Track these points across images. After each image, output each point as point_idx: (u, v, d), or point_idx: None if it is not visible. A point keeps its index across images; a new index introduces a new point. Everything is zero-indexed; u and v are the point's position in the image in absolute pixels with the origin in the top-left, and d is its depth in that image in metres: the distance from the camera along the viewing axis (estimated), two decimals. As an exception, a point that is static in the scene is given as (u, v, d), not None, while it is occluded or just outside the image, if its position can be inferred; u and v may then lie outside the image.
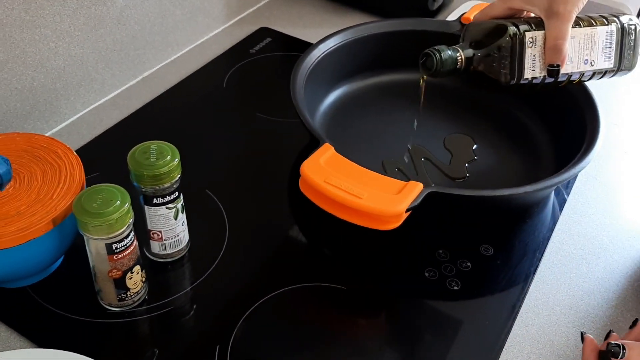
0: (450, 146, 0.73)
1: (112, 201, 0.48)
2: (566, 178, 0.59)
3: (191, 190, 0.65)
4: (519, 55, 0.59)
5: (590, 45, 0.62)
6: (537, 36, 0.60)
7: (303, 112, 0.65)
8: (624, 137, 0.79)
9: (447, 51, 0.60)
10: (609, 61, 0.64)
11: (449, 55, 0.60)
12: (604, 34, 0.63)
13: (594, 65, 0.63)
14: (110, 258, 0.50)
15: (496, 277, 0.60)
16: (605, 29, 0.63)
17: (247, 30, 0.94)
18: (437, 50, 0.60)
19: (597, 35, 0.62)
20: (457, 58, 0.60)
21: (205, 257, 0.60)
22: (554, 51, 0.60)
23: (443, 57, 0.60)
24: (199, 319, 0.55)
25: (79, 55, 0.73)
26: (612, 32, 0.63)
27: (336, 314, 0.57)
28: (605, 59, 0.64)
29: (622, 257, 0.63)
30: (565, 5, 0.59)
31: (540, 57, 0.60)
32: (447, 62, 0.60)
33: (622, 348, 0.45)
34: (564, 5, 0.59)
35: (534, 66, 0.60)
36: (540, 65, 0.60)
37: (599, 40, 0.62)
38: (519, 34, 0.59)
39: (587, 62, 0.62)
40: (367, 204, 0.53)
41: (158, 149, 0.53)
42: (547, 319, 0.57)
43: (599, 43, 0.62)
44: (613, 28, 0.63)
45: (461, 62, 0.61)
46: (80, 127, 0.75)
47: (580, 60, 0.62)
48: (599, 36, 0.62)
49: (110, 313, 0.54)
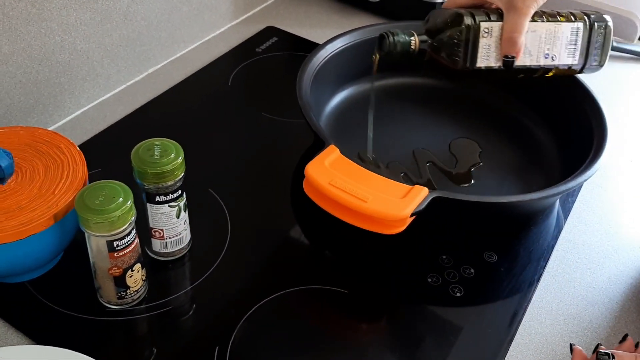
0: (455, 151, 0.72)
1: (115, 198, 0.48)
2: (572, 187, 0.59)
3: (194, 188, 0.64)
4: (472, 44, 0.61)
5: (552, 41, 0.63)
6: (493, 27, 0.61)
7: (309, 113, 0.64)
8: (631, 146, 0.78)
9: (402, 35, 0.63)
10: (572, 57, 0.64)
11: (403, 39, 0.63)
12: (568, 31, 0.63)
13: (555, 60, 0.64)
14: (111, 255, 0.50)
15: (499, 285, 0.59)
16: (571, 26, 0.63)
17: (253, 29, 0.94)
18: (392, 33, 0.63)
19: (560, 31, 0.63)
20: (411, 42, 0.63)
21: (206, 256, 0.59)
22: (509, 43, 0.61)
23: (396, 39, 0.63)
24: (198, 319, 0.55)
25: (84, 49, 0.73)
26: (578, 29, 0.64)
27: (337, 317, 0.56)
28: (568, 55, 0.64)
29: (626, 267, 0.62)
30: (524, 0, 0.60)
31: (496, 47, 0.62)
32: (400, 45, 0.63)
33: (612, 357, 0.45)
34: (523, 1, 0.60)
35: (488, 56, 0.62)
36: (495, 55, 0.62)
37: (562, 36, 0.63)
38: (473, 25, 0.61)
39: (548, 56, 0.63)
40: (371, 208, 0.53)
41: (162, 147, 0.52)
42: (550, 329, 0.56)
43: (562, 39, 0.63)
44: (579, 25, 0.64)
45: (415, 46, 0.63)
46: (84, 122, 0.75)
47: (540, 54, 0.63)
48: (563, 32, 0.63)
49: (109, 311, 0.54)
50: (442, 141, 0.74)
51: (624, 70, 0.92)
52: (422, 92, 0.81)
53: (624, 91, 0.88)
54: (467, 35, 0.61)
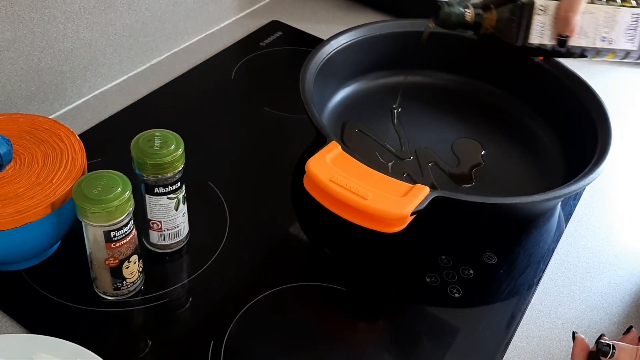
0: (458, 151, 0.72)
1: (113, 188, 0.47)
2: (575, 190, 0.58)
3: (194, 181, 0.64)
4: (527, 21, 0.62)
5: (610, 24, 0.63)
6: (549, 5, 0.62)
7: (311, 108, 0.64)
8: (634, 150, 0.78)
9: (457, 6, 0.65)
10: (631, 43, 0.65)
11: (458, 10, 0.65)
12: (628, 16, 0.64)
13: (613, 44, 0.64)
14: (108, 246, 0.49)
15: (498, 287, 0.59)
16: (632, 11, 0.64)
17: (258, 23, 0.93)
18: (447, 4, 0.65)
19: (620, 15, 0.63)
20: (466, 13, 0.65)
21: (204, 250, 0.59)
22: (563, 22, 0.62)
23: (452, 10, 0.65)
24: (194, 313, 0.54)
25: (87, 38, 0.72)
26: (639, 15, 0.64)
27: (334, 315, 0.56)
28: (627, 40, 0.64)
29: (627, 273, 0.62)
30: None
31: (551, 26, 0.63)
32: (455, 16, 0.65)
33: (612, 348, 0.45)
34: None
35: (542, 33, 0.63)
36: (549, 33, 0.63)
37: (621, 21, 0.63)
38: (529, 1, 0.62)
39: (605, 39, 0.64)
40: (372, 205, 0.52)
41: (163, 138, 0.52)
42: (548, 332, 0.56)
43: (621, 23, 0.64)
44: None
45: (470, 18, 0.65)
46: (85, 112, 0.74)
47: (597, 37, 0.64)
48: (623, 17, 0.63)
49: (104, 302, 0.53)
50: (445, 141, 0.73)
51: (631, 74, 0.92)
52: (427, 92, 0.80)
53: (630, 94, 0.88)
54: (522, 11, 0.62)
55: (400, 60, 0.80)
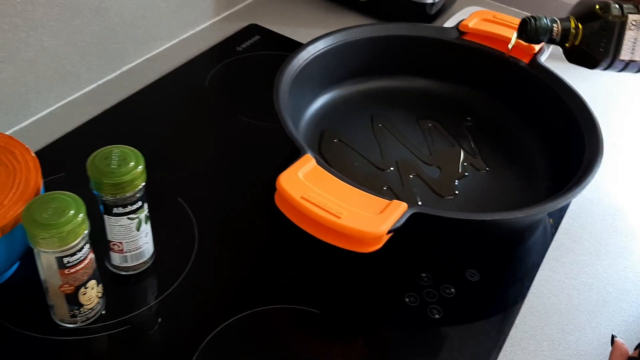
0: (440, 160, 0.69)
1: (65, 211, 0.44)
2: (561, 203, 0.55)
3: (162, 197, 0.61)
4: (618, 36, 0.59)
5: None
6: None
7: (285, 118, 0.61)
8: (623, 159, 0.75)
9: (544, 19, 0.63)
10: None
11: (545, 24, 0.62)
12: None
13: None
14: (62, 272, 0.46)
15: (481, 306, 0.56)
16: None
17: (235, 27, 0.90)
18: (534, 18, 0.63)
19: None
20: (553, 28, 0.62)
21: (170, 271, 0.56)
22: None
23: (539, 24, 0.62)
24: (158, 339, 0.51)
25: (52, 46, 0.69)
26: None
27: (308, 339, 0.53)
28: None
29: (616, 289, 0.59)
30: None
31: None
32: (542, 29, 0.62)
33: None
34: None
35: (634, 49, 0.60)
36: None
37: None
38: (621, 16, 0.59)
39: None
40: (345, 224, 0.49)
41: (121, 155, 0.49)
42: (534, 355, 0.53)
43: None
44: None
45: (557, 33, 0.62)
46: (50, 123, 0.71)
47: None
48: None
49: (62, 329, 0.50)
50: (427, 150, 0.70)
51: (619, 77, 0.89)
52: (409, 98, 0.77)
53: (619, 100, 0.85)
54: (613, 27, 0.59)
55: (381, 66, 0.77)
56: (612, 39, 0.60)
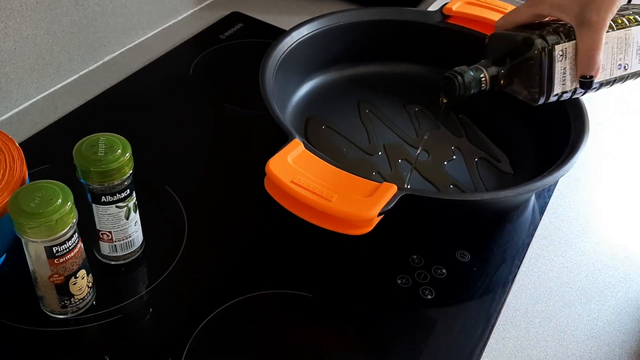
0: (428, 144, 0.69)
1: (52, 200, 0.44)
2: (548, 182, 0.56)
3: (149, 186, 0.60)
4: (549, 71, 0.53)
5: (624, 49, 0.56)
6: (567, 48, 0.53)
7: (272, 104, 0.60)
8: (608, 138, 0.76)
9: (470, 72, 0.55)
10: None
11: (472, 77, 0.55)
12: (638, 35, 0.56)
13: (628, 69, 0.57)
14: (51, 262, 0.45)
15: (472, 286, 0.56)
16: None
17: (218, 15, 0.89)
18: (458, 73, 0.55)
19: (631, 37, 0.56)
20: (482, 79, 0.55)
21: (160, 260, 0.55)
22: (587, 63, 0.54)
23: (466, 79, 0.55)
24: (149, 328, 0.51)
25: (31, 36, 0.68)
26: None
27: (301, 324, 0.52)
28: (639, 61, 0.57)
29: (604, 265, 0.60)
30: (599, 12, 0.52)
31: (572, 69, 0.54)
32: (471, 85, 0.55)
33: None
34: (597, 13, 0.52)
35: (564, 80, 0.54)
36: (571, 78, 0.55)
37: (632, 42, 0.56)
38: (547, 47, 0.53)
39: (621, 67, 0.56)
40: (336, 207, 0.49)
41: (107, 142, 0.48)
42: (525, 332, 0.53)
43: (632, 45, 0.56)
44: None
45: (486, 83, 0.56)
46: (33, 115, 0.70)
47: (613, 66, 0.56)
48: (634, 37, 0.56)
49: (53, 320, 0.50)
50: (414, 133, 0.70)
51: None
52: (394, 82, 0.77)
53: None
54: (542, 62, 0.53)
55: (366, 51, 0.77)
56: (543, 75, 0.54)
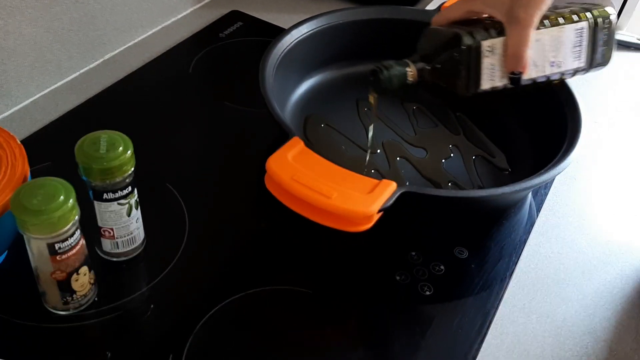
0: (426, 141, 0.70)
1: (55, 197, 0.44)
2: (545, 180, 0.56)
3: (150, 183, 0.61)
4: (475, 67, 0.55)
5: (556, 47, 0.56)
6: (495, 44, 0.54)
7: (271, 102, 0.61)
8: (604, 136, 0.76)
9: (396, 67, 0.56)
10: (578, 60, 0.58)
11: (398, 71, 0.56)
12: (572, 33, 0.57)
13: (562, 67, 0.58)
14: (53, 259, 0.46)
15: (470, 282, 0.57)
16: (575, 27, 0.57)
17: (217, 13, 0.89)
18: (384, 67, 0.56)
19: (565, 35, 0.56)
20: (408, 73, 0.56)
21: (162, 256, 0.56)
22: (515, 59, 0.54)
23: (392, 73, 0.56)
24: (151, 324, 0.51)
25: (31, 34, 0.68)
26: (582, 29, 0.57)
27: (301, 320, 0.53)
28: (574, 59, 0.58)
29: (600, 262, 0.60)
30: (527, 9, 0.53)
31: (501, 65, 0.55)
32: (397, 79, 0.56)
33: None
34: (525, 10, 0.53)
35: (493, 75, 0.55)
36: (500, 74, 0.56)
37: (567, 40, 0.57)
38: (474, 44, 0.54)
39: (554, 64, 0.57)
40: (336, 204, 0.50)
41: (109, 140, 0.48)
42: (523, 327, 0.54)
43: (567, 43, 0.57)
44: (584, 25, 0.57)
45: (413, 77, 0.57)
46: (33, 112, 0.70)
47: (546, 64, 0.57)
48: (567, 36, 0.56)
49: (55, 317, 0.50)
50: (413, 131, 0.71)
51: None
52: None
53: (598, 79, 0.86)
54: (469, 57, 0.54)
55: (364, 49, 0.77)
56: (470, 70, 0.55)
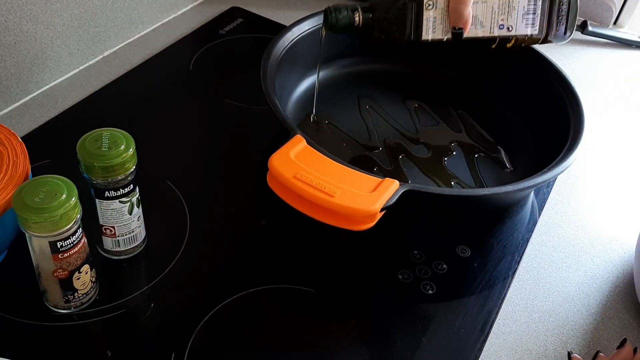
0: (427, 139, 0.70)
1: (57, 195, 0.44)
2: (548, 179, 0.56)
3: (151, 181, 0.60)
4: (416, 18, 0.60)
5: (506, 11, 0.61)
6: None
7: (273, 100, 0.60)
8: (607, 134, 0.76)
9: (345, 11, 0.62)
10: (532, 27, 0.62)
11: (345, 14, 0.62)
12: (525, 0, 0.61)
13: (512, 31, 0.62)
14: (55, 257, 0.45)
15: (473, 281, 0.57)
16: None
17: (217, 10, 0.89)
18: (336, 9, 0.62)
19: (515, 1, 0.61)
20: (355, 17, 0.62)
21: (163, 254, 0.55)
22: (455, 15, 0.59)
23: (339, 15, 0.62)
24: (153, 322, 0.51)
25: (31, 31, 0.67)
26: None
27: (304, 318, 0.53)
28: (527, 25, 0.62)
29: (603, 260, 0.60)
30: None
31: (442, 19, 0.61)
32: (344, 20, 0.62)
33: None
34: None
35: (434, 28, 0.61)
36: (442, 27, 0.61)
37: (518, 7, 0.61)
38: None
39: (503, 27, 0.62)
40: (339, 203, 0.49)
41: (111, 137, 0.48)
42: (525, 327, 0.54)
43: (518, 9, 0.61)
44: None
45: (358, 22, 0.62)
46: (32, 109, 0.70)
47: (494, 25, 0.62)
48: (519, 2, 0.61)
49: (56, 315, 0.50)
50: (414, 129, 0.71)
51: (599, 56, 0.90)
52: (394, 79, 0.77)
53: (599, 77, 0.86)
54: (411, 8, 0.60)
55: (365, 47, 0.77)
56: (410, 21, 0.60)
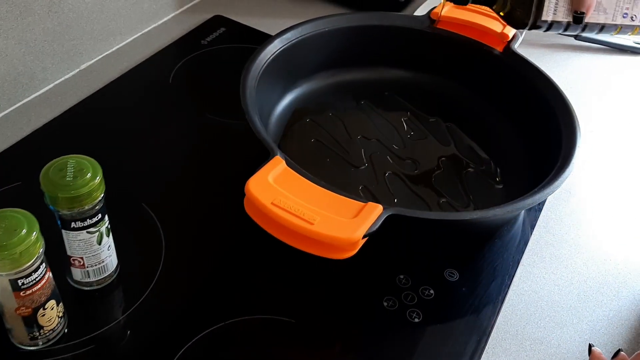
0: (415, 153, 0.67)
1: (17, 230, 0.41)
2: (539, 199, 0.54)
3: (125, 202, 0.58)
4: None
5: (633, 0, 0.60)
6: None
7: (252, 117, 0.58)
8: (600, 147, 0.74)
9: None
10: None
11: None
12: None
13: (635, 21, 0.61)
14: (17, 295, 0.43)
15: (461, 307, 0.54)
16: None
17: (199, 19, 0.86)
18: None
19: None
20: None
21: (136, 284, 0.53)
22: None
23: None
24: (127, 357, 0.49)
25: (2, 47, 0.65)
26: None
27: (283, 352, 0.50)
28: None
29: (596, 283, 0.58)
30: None
31: (565, 2, 0.60)
32: None
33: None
34: None
35: (556, 10, 0.60)
36: (564, 10, 0.60)
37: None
38: None
39: (627, 16, 0.61)
40: (319, 231, 0.47)
41: (76, 166, 0.46)
42: (516, 355, 0.52)
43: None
44: None
45: None
46: (4, 128, 0.67)
47: (617, 13, 0.60)
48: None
49: (23, 352, 0.47)
50: (401, 142, 0.68)
51: (593, 62, 0.88)
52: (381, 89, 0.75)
53: (592, 83, 0.84)
54: None
55: (351, 57, 0.74)
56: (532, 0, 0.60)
